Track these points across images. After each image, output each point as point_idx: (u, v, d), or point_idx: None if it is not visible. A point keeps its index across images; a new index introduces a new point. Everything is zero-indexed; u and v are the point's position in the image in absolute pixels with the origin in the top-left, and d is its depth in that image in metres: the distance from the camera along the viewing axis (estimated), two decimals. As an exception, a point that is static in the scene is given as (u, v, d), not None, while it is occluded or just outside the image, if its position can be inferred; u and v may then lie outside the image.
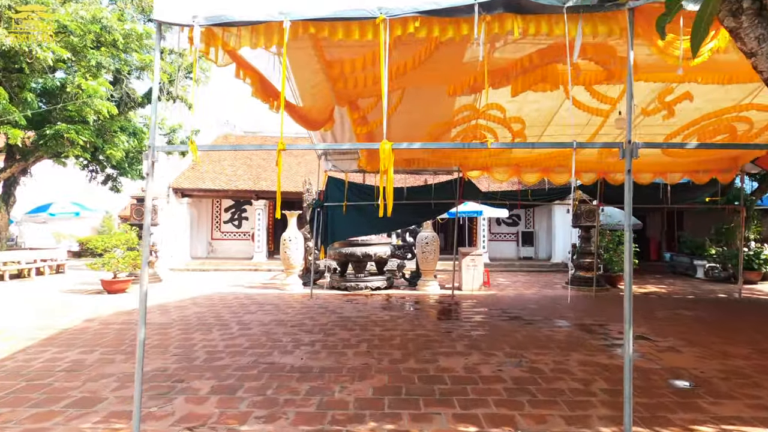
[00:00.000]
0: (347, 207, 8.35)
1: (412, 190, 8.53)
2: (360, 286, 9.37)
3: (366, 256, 9.36)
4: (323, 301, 8.08)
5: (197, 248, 17.26)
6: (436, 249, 9.54)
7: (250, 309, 7.17)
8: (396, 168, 8.52)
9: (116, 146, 13.57)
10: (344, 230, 8.41)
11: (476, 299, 8.37)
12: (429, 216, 8.75)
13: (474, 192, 8.50)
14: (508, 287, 10.31)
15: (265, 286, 10.23)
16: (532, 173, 8.45)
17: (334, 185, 8.54)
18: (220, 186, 14.96)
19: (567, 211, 13.64)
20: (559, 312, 7.08)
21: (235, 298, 8.41)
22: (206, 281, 11.36)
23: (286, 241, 9.66)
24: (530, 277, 12.69)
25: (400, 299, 8.34)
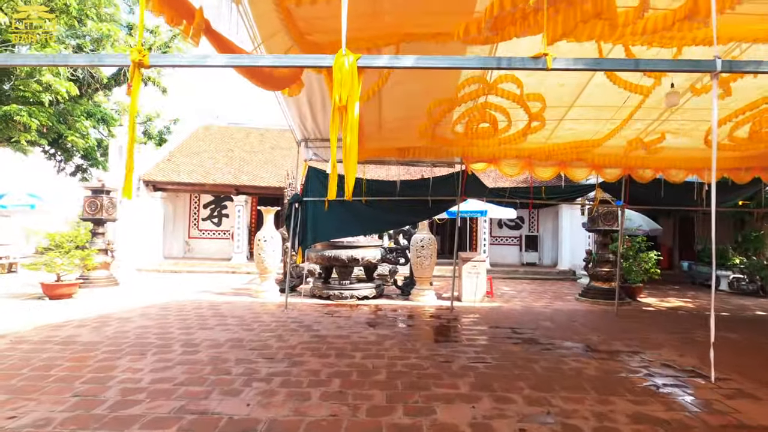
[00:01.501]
0: (330, 203, 7.21)
1: (407, 184, 7.41)
2: (344, 294, 8.21)
3: (352, 260, 8.22)
4: (299, 313, 6.91)
5: (173, 247, 16.04)
6: (433, 253, 8.41)
7: (208, 323, 5.99)
8: (387, 159, 7.40)
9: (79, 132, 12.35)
10: (326, 230, 7.26)
11: (479, 313, 7.24)
12: (425, 215, 7.62)
13: (479, 188, 7.38)
14: (514, 298, 9.19)
15: (237, 293, 9.05)
16: (547, 167, 7.34)
17: (315, 177, 7.40)
18: (197, 179, 13.75)
19: (582, 213, 12.55)
20: (579, 332, 5.97)
21: (196, 307, 7.23)
22: (173, 285, 10.16)
23: (260, 241, 8.49)
24: (536, 286, 11.59)
25: (390, 312, 7.19)
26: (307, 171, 7.44)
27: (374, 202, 7.25)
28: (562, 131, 6.31)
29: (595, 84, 5.17)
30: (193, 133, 17.54)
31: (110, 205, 9.01)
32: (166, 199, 15.38)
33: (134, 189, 12.89)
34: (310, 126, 6.75)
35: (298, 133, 7.21)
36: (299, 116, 6.37)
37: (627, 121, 5.74)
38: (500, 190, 7.41)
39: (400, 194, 7.24)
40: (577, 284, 12.33)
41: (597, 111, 5.75)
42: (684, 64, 2.86)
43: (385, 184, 7.50)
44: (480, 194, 7.36)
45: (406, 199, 7.26)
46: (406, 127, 5.85)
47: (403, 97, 5.22)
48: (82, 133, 13.10)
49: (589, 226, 9.15)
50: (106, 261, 8.88)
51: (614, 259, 8.82)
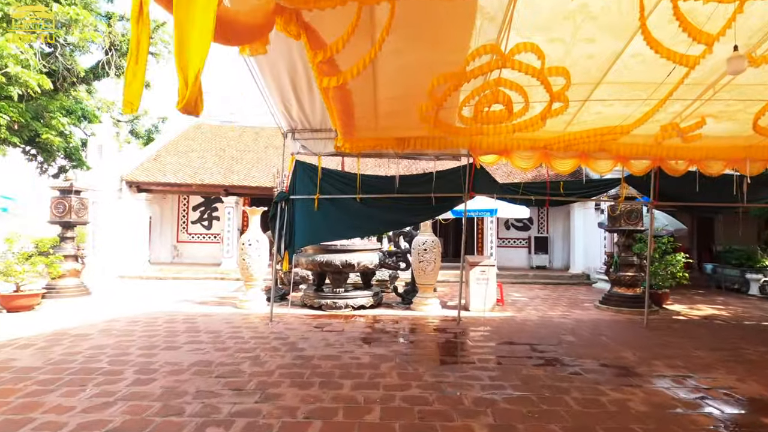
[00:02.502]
0: (321, 201, 6.43)
1: (407, 180, 6.62)
2: (338, 304, 7.40)
3: (347, 265, 7.41)
4: (285, 326, 6.11)
5: (160, 252, 15.28)
6: (437, 257, 7.61)
7: (176, 341, 5.19)
8: (385, 151, 6.60)
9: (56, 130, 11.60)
10: (317, 232, 6.47)
11: (490, 325, 6.42)
12: (428, 215, 6.82)
13: (488, 184, 6.58)
14: (527, 306, 8.36)
15: (220, 302, 8.25)
16: (565, 159, 6.54)
17: (303, 172, 6.62)
18: (183, 179, 12.98)
19: (600, 212, 11.69)
20: (610, 349, 5.14)
21: (169, 320, 6.43)
22: (153, 294, 9.37)
23: (245, 245, 7.69)
24: (549, 292, 10.75)
25: (389, 324, 6.38)
26: (294, 165, 6.66)
27: (370, 201, 6.45)
28: (587, 115, 5.51)
29: (631, 54, 4.37)
30: (183, 132, 16.79)
31: (80, 207, 8.24)
32: (152, 201, 14.61)
33: (116, 190, 12.15)
34: (296, 113, 5.97)
35: (283, 123, 6.43)
36: (282, 101, 5.59)
37: (664, 101, 4.92)
38: (513, 185, 6.61)
39: (400, 191, 6.44)
40: (592, 289, 11.50)
41: (630, 89, 4.94)
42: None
43: (383, 179, 6.71)
44: (490, 191, 6.55)
45: (406, 196, 6.47)
46: (404, 110, 5.05)
47: (400, 72, 4.43)
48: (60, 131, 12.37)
49: (610, 225, 8.32)
50: (76, 268, 8.10)
51: (639, 263, 7.99)
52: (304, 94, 5.39)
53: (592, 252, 12.88)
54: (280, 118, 6.27)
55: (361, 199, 6.40)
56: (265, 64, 4.72)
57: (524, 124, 5.30)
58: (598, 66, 4.57)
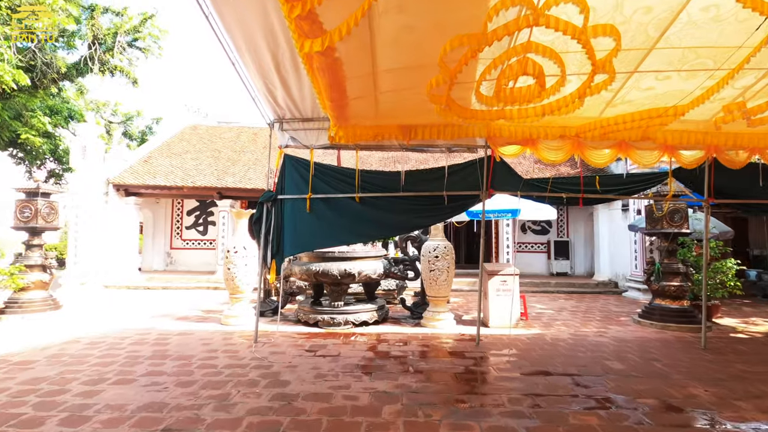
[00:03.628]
0: (313, 202, 5.54)
1: (415, 176, 5.69)
2: (337, 320, 6.49)
3: (346, 275, 6.50)
4: (271, 350, 5.20)
5: (153, 259, 14.53)
6: (451, 265, 6.67)
7: (132, 372, 4.31)
8: (387, 143, 5.70)
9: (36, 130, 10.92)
10: (309, 237, 5.57)
11: (517, 347, 5.45)
12: (440, 217, 5.88)
13: (510, 179, 5.63)
14: (555, 321, 7.36)
15: (203, 317, 7.38)
16: (601, 150, 5.57)
17: (292, 169, 5.74)
18: (174, 182, 12.20)
19: (638, 213, 10.59)
20: (674, 384, 4.14)
21: (137, 341, 5.57)
22: (134, 306, 8.55)
23: (230, 253, 6.83)
24: (575, 303, 9.73)
25: (395, 346, 5.44)
26: (283, 161, 5.79)
27: (371, 201, 5.54)
28: (634, 93, 4.53)
29: (701, 7, 3.42)
30: (177, 133, 16.08)
31: (49, 211, 7.44)
32: (144, 205, 13.88)
33: (102, 194, 11.42)
34: (283, 98, 5.10)
35: (268, 111, 5.57)
36: (264, 82, 4.71)
37: (738, 70, 3.95)
38: (539, 182, 5.65)
39: (406, 189, 5.52)
40: (623, 299, 10.44)
41: (693, 56, 3.98)
42: None
43: (386, 176, 5.80)
44: (512, 188, 5.60)
45: (414, 195, 5.54)
46: (410, 88, 4.14)
47: (404, 35, 3.52)
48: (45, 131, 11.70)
49: (649, 228, 7.30)
50: (42, 280, 7.29)
51: (685, 271, 6.96)
52: (289, 73, 4.50)
53: (620, 257, 11.81)
54: (264, 105, 5.41)
55: (360, 198, 5.50)
56: (237, 30, 3.86)
57: (557, 105, 4.35)
58: (656, 24, 3.62)
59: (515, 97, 4.13)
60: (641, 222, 9.82)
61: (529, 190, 5.58)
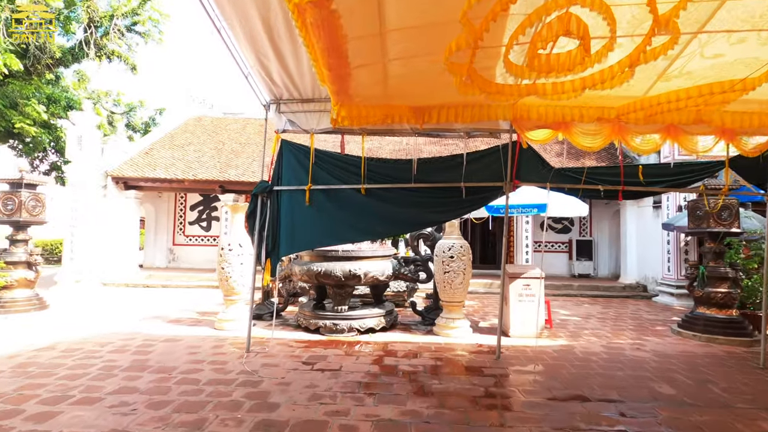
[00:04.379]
0: (314, 194, 4.96)
1: (429, 165, 5.03)
2: (340, 326, 5.90)
3: (351, 276, 5.90)
4: (264, 362, 4.63)
5: (155, 256, 14.16)
6: (467, 267, 6.03)
7: (102, 388, 3.78)
8: (398, 127, 5.07)
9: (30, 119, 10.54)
10: (308, 234, 4.98)
11: (543, 362, 4.79)
12: (457, 212, 5.22)
13: (538, 169, 4.94)
14: (583, 330, 6.66)
15: (197, 320, 6.86)
16: (646, 135, 4.85)
17: (291, 156, 5.15)
18: (174, 175, 11.75)
19: (679, 209, 9.73)
20: (742, 417, 3.45)
21: (118, 348, 5.06)
22: (128, 306, 8.10)
23: (224, 251, 6.29)
24: (602, 308, 8.99)
25: (403, 359, 4.83)
26: (280, 147, 5.20)
27: (379, 193, 4.92)
28: (697, 61, 3.81)
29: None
30: (181, 124, 15.66)
31: (35, 204, 7.00)
32: (145, 199, 13.50)
33: (100, 187, 11.01)
34: (278, 74, 4.51)
35: (263, 90, 4.99)
36: (255, 54, 4.12)
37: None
38: (572, 172, 4.95)
39: (419, 179, 4.89)
40: (654, 305, 9.66)
41: (774, 13, 3.25)
42: None
43: (396, 165, 5.18)
44: (540, 178, 4.91)
45: (427, 187, 4.90)
46: (424, 52, 3.49)
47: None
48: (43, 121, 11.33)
49: (693, 226, 6.55)
50: (27, 277, 6.86)
51: (734, 276, 6.19)
52: (283, 41, 3.91)
53: (650, 259, 10.99)
54: (258, 82, 4.83)
55: (366, 190, 4.88)
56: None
57: (601, 77, 3.65)
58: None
59: (552, 65, 3.43)
60: (677, 220, 9.02)
61: (560, 181, 4.89)
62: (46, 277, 12.19)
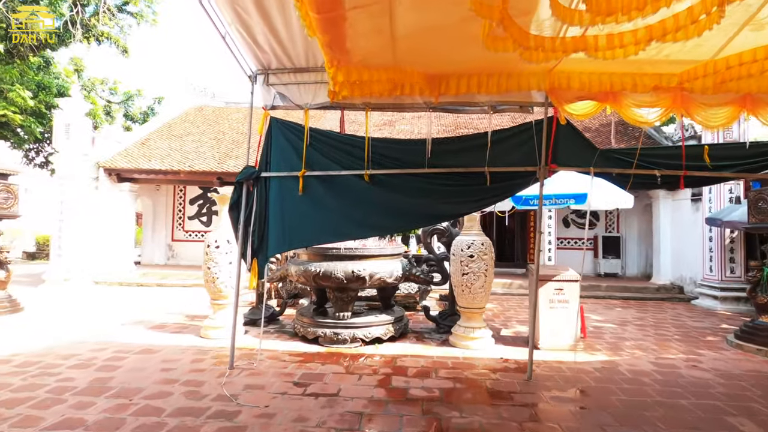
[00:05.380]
0: (308, 181, 4.20)
1: (446, 145, 4.21)
2: (342, 336, 5.15)
3: (354, 278, 5.13)
4: (249, 381, 3.90)
5: (153, 252, 13.60)
6: (489, 267, 5.22)
7: (41, 420, 3.07)
8: (408, 101, 4.28)
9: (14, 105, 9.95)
10: (301, 229, 4.22)
11: (584, 384, 3.98)
12: (479, 202, 4.37)
13: (579, 150, 4.09)
14: (623, 340, 5.81)
15: (182, 327, 6.18)
16: (715, 106, 3.97)
17: (281, 137, 4.40)
18: (170, 166, 11.10)
19: (733, 200, 8.71)
20: None
21: (79, 364, 4.37)
22: (112, 308, 7.47)
23: (210, 248, 5.59)
24: (637, 311, 8.11)
25: (414, 378, 4.06)
26: (268, 126, 4.45)
27: (386, 180, 4.14)
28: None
29: None
30: (181, 113, 15.05)
31: (7, 195, 6.37)
32: (141, 192, 12.92)
33: (91, 179, 10.41)
34: (264, 37, 3.74)
35: (249, 58, 4.24)
36: (234, 10, 3.35)
37: None
38: (621, 153, 4.09)
39: (434, 164, 4.08)
40: (694, 309, 8.74)
41: None
42: None
43: (406, 145, 4.39)
44: (581, 161, 4.06)
45: (444, 172, 4.10)
46: None
47: None
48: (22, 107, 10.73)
49: (756, 221, 5.63)
50: (-3, 278, 6.26)
51: (807, 279, 5.28)
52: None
53: (687, 257, 10.04)
54: (242, 48, 4.07)
55: (371, 177, 4.10)
56: None
57: (674, 24, 2.82)
58: None
59: (612, 7, 2.62)
60: (725, 213, 8.09)
61: (606, 165, 4.04)
62: (34, 275, 11.69)
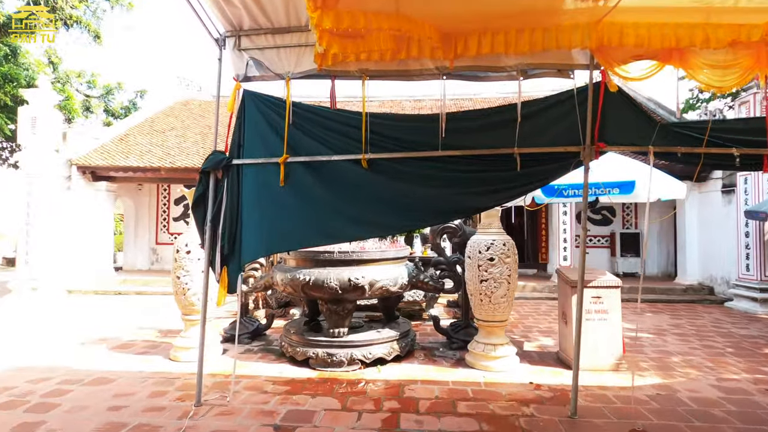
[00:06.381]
0: (292, 169, 3.37)
1: (463, 122, 3.35)
2: (338, 357, 4.31)
3: (351, 287, 4.29)
4: (218, 425, 3.06)
5: (136, 257, 12.76)
6: (512, 272, 4.40)
7: None
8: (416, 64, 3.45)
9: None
10: (284, 229, 3.39)
11: (645, 421, 3.16)
12: (507, 193, 3.46)
13: (634, 123, 3.22)
14: (667, 355, 4.99)
15: (152, 346, 5.33)
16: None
17: (257, 113, 3.58)
18: (149, 162, 10.25)
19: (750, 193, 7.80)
20: None
21: (9, 402, 3.53)
22: (76, 323, 6.63)
23: (180, 253, 4.75)
24: (670, 317, 7.30)
25: (429, 418, 3.23)
26: (241, 101, 3.63)
27: (389, 166, 3.30)
28: None
29: None
30: (165, 108, 14.19)
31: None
32: (122, 192, 12.07)
33: (63, 177, 9.56)
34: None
35: (214, 15, 3.39)
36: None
37: None
38: (687, 127, 3.26)
39: (449, 145, 3.23)
40: (731, 312, 7.93)
41: None
42: None
43: (413, 123, 3.55)
44: (637, 138, 3.20)
45: (462, 155, 3.25)
46: None
47: None
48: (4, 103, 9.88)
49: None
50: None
51: None
52: None
53: (719, 254, 9.24)
54: (204, 1, 3.24)
55: (369, 163, 3.27)
56: None
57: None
58: None
59: None
60: (765, 205, 7.27)
61: (669, 142, 3.20)
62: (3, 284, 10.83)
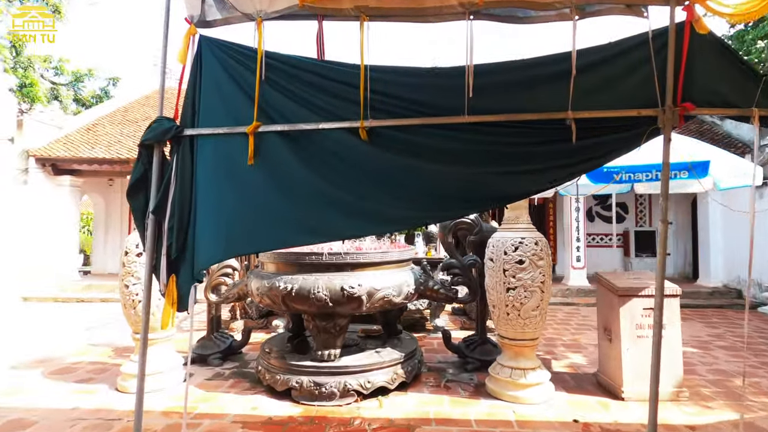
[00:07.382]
0: (266, 141, 2.46)
1: (497, 76, 2.46)
2: (327, 387, 3.44)
3: (344, 298, 3.43)
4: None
5: (106, 260, 11.79)
6: (546, 279, 3.56)
7: None
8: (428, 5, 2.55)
9: None
10: (255, 221, 2.49)
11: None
12: (556, 172, 2.56)
13: (730, 76, 2.39)
14: (725, 376, 4.19)
15: (100, 369, 4.42)
16: None
17: (218, 66, 2.65)
18: (117, 154, 9.28)
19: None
20: None
21: None
22: (18, 337, 5.70)
23: (128, 257, 3.87)
24: (701, 324, 6.56)
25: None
26: (197, 50, 2.72)
27: (397, 137, 2.42)
28: None
29: None
30: (140, 97, 13.21)
31: None
32: (89, 189, 11.08)
33: (18, 171, 8.56)
34: None
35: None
36: None
37: None
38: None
39: (478, 108, 2.35)
40: (765, 318, 7.19)
41: None
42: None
43: (427, 79, 2.63)
44: (734, 97, 2.37)
45: (496, 121, 2.39)
46: None
47: None
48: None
49: None
50: None
51: None
52: None
53: (746, 255, 8.51)
54: None
55: (369, 132, 2.39)
56: None
57: None
58: None
59: None
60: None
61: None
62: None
